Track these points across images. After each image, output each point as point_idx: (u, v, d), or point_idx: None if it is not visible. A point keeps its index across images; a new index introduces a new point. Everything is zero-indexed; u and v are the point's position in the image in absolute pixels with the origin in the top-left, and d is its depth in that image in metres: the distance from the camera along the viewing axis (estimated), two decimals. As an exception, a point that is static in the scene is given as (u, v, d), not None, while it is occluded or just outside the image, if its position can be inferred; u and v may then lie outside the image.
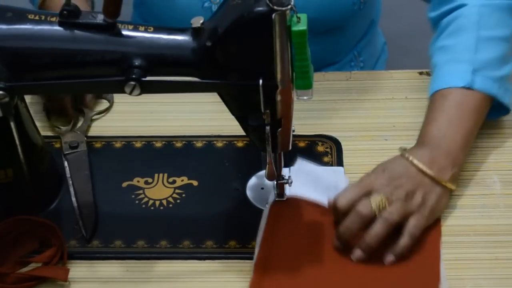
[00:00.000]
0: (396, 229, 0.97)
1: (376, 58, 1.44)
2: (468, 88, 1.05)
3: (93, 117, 1.16)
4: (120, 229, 1.02)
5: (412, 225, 0.97)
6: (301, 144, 1.12)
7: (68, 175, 1.08)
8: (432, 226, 0.99)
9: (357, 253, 0.97)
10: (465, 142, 1.04)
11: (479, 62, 1.07)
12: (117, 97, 1.18)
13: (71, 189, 1.06)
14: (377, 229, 0.95)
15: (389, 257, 0.96)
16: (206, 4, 1.22)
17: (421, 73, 1.22)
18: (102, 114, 1.17)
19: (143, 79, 0.89)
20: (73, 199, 1.05)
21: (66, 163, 1.09)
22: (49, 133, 1.14)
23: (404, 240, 0.96)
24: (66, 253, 0.98)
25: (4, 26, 0.90)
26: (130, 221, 1.03)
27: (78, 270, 0.98)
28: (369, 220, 0.96)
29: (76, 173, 1.08)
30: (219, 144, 1.12)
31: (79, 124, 1.15)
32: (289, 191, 1.03)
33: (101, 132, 1.15)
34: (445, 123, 1.04)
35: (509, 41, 1.10)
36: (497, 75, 1.07)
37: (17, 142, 0.96)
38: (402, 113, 1.16)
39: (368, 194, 0.98)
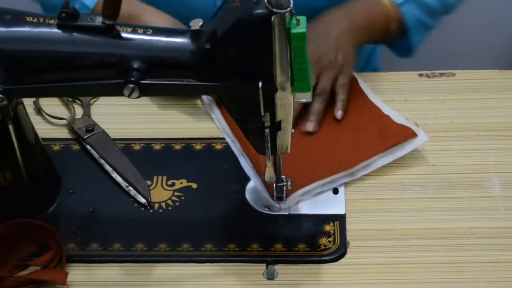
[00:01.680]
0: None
1: (373, 47, 1.47)
2: (397, 5, 1.19)
3: (91, 102, 1.17)
4: (119, 232, 1.02)
5: (341, 83, 1.13)
6: (301, 147, 1.12)
7: (96, 156, 1.09)
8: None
9: (312, 124, 1.11)
10: (368, 24, 1.18)
11: None
12: (116, 99, 1.17)
13: (107, 167, 1.08)
14: (317, 105, 1.12)
15: (338, 112, 1.12)
16: (218, 3, 1.21)
17: (420, 75, 1.21)
18: (95, 99, 1.18)
19: (142, 81, 0.88)
20: (113, 175, 1.07)
21: (88, 147, 1.11)
22: (47, 136, 1.13)
23: (341, 97, 1.13)
24: (65, 256, 0.98)
25: (2, 29, 0.89)
26: (129, 224, 1.03)
27: (77, 273, 0.98)
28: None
29: (105, 152, 1.10)
30: (218, 147, 1.12)
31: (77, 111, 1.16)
32: None
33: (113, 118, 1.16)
34: (365, 5, 1.19)
35: (444, 6, 1.24)
36: (420, 17, 1.21)
37: (16, 145, 0.96)
38: (401, 115, 1.15)
39: None
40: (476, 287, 0.95)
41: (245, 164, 1.08)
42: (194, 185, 1.07)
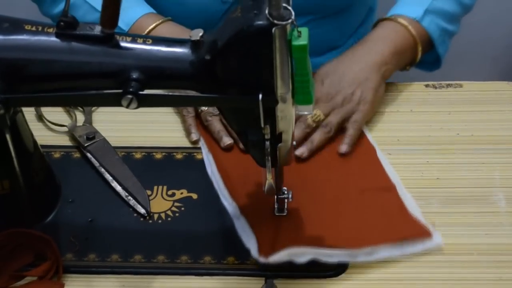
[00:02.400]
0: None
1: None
2: (417, 21, 1.17)
3: (92, 109, 1.16)
4: (117, 242, 1.01)
5: (353, 119, 1.10)
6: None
7: (96, 164, 1.08)
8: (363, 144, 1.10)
9: (302, 149, 1.08)
10: (399, 50, 1.15)
11: (434, 6, 1.18)
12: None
13: (107, 176, 1.07)
14: (317, 135, 1.09)
15: (343, 146, 1.08)
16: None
17: (427, 86, 1.20)
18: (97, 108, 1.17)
19: (141, 92, 0.87)
20: (113, 184, 1.06)
21: (89, 155, 1.10)
22: (47, 143, 1.12)
23: (349, 132, 1.09)
24: (62, 266, 0.97)
25: (0, 37, 0.88)
26: (127, 235, 1.02)
27: (74, 284, 0.97)
28: (311, 132, 1.09)
29: (106, 161, 1.09)
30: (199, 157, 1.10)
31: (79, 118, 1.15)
32: None
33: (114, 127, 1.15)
34: (388, 31, 1.17)
35: (463, 8, 1.23)
36: (443, 25, 1.19)
37: (13, 154, 0.95)
38: (406, 127, 1.14)
39: None
40: (479, 305, 0.94)
41: (243, 228, 1.00)
42: (194, 196, 1.06)
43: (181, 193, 1.06)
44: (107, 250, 1.00)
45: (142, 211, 1.03)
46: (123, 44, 0.88)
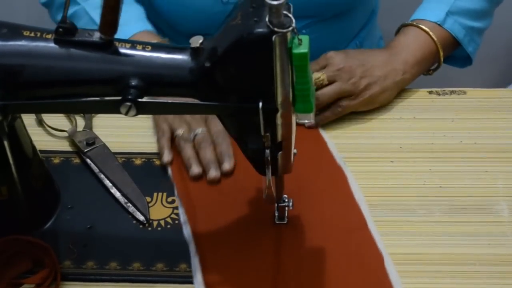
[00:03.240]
0: None
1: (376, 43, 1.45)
2: (439, 25, 1.16)
3: (93, 114, 1.15)
4: (116, 250, 1.00)
5: (340, 103, 1.11)
6: (305, 164, 1.09)
7: (96, 170, 1.08)
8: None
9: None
10: (420, 60, 1.15)
11: (456, 7, 1.17)
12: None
13: (107, 182, 1.06)
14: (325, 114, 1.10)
15: (311, 122, 1.05)
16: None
17: (430, 92, 1.19)
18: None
19: (140, 100, 0.86)
20: (113, 190, 1.05)
21: (89, 161, 1.09)
22: (47, 148, 1.11)
23: (326, 113, 1.11)
24: (60, 274, 0.96)
25: (-2, 43, 0.88)
26: (126, 242, 1.01)
27: (71, 292, 0.96)
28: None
29: (105, 167, 1.08)
30: (220, 164, 1.10)
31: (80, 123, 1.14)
32: None
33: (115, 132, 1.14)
34: (410, 39, 1.16)
35: (492, 2, 1.22)
36: (468, 24, 1.18)
37: (11, 160, 0.94)
38: (409, 134, 1.13)
39: (322, 68, 1.11)
40: (481, 316, 0.93)
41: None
42: (194, 203, 1.05)
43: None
44: (105, 257, 0.99)
45: (141, 218, 1.02)
46: (122, 50, 0.88)
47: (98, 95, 0.88)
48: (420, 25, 1.17)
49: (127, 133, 1.14)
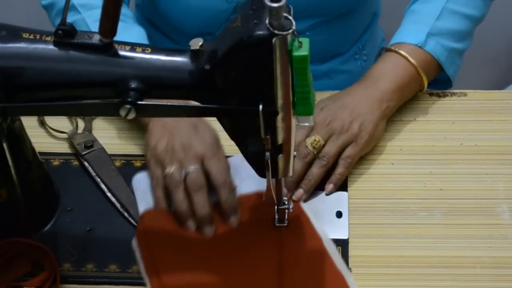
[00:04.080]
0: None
1: (377, 52, 1.42)
2: (420, 47, 1.12)
3: (93, 117, 1.14)
4: (116, 252, 1.00)
5: (346, 154, 1.05)
6: (305, 167, 1.09)
7: (93, 173, 1.07)
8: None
9: (299, 192, 1.03)
10: (401, 85, 1.10)
11: (437, 28, 1.13)
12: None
13: (103, 186, 1.06)
14: (315, 170, 1.04)
15: (329, 186, 1.04)
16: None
17: (431, 94, 1.18)
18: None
19: (139, 102, 0.86)
20: (109, 194, 1.05)
21: (86, 164, 1.08)
22: (47, 150, 1.11)
23: (339, 170, 1.05)
24: (59, 277, 0.96)
25: (-3, 45, 0.87)
26: (126, 245, 1.00)
27: (71, 295, 0.96)
28: (311, 160, 1.04)
29: (102, 170, 1.07)
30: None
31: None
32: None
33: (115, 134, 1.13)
34: (389, 65, 1.11)
35: (473, 22, 1.17)
36: (449, 45, 1.14)
37: (10, 162, 0.94)
38: (409, 136, 1.12)
39: (309, 132, 1.06)
40: (482, 319, 0.92)
41: None
42: (193, 206, 1.04)
43: (181, 203, 1.05)
44: (105, 260, 0.99)
45: (135, 225, 1.02)
46: (121, 53, 0.87)
47: (97, 98, 0.88)
48: (399, 50, 1.12)
49: (127, 135, 1.14)
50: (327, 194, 1.05)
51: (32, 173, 1.00)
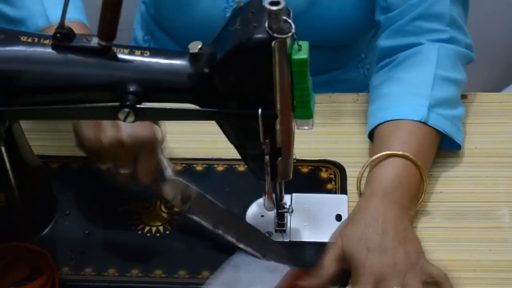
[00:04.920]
0: None
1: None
2: (423, 122, 1.03)
3: None
4: (114, 256, 0.99)
5: (435, 271, 0.93)
6: (304, 170, 1.08)
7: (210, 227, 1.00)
8: None
9: None
10: (412, 195, 1.00)
11: (435, 99, 1.05)
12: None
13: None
14: None
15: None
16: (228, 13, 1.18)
17: (430, 97, 1.18)
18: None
19: (138, 106, 0.85)
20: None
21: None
22: (46, 153, 1.10)
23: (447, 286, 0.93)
24: (58, 281, 0.95)
25: (-5, 48, 0.87)
26: (125, 248, 1.00)
27: (70, 299, 0.96)
28: None
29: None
30: (220, 168, 1.09)
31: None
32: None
33: None
34: (400, 173, 0.99)
35: (460, 86, 1.10)
36: (450, 114, 1.06)
37: (8, 166, 0.93)
38: (409, 139, 1.12)
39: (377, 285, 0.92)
40: (482, 323, 0.92)
41: None
42: (193, 208, 1.04)
43: (180, 206, 1.05)
44: (104, 264, 0.98)
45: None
46: (120, 56, 0.87)
47: (96, 101, 0.88)
48: (406, 130, 1.02)
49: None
50: (342, 182, 1.03)
51: (30, 177, 0.99)
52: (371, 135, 1.08)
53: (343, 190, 1.06)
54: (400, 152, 1.00)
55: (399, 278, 0.91)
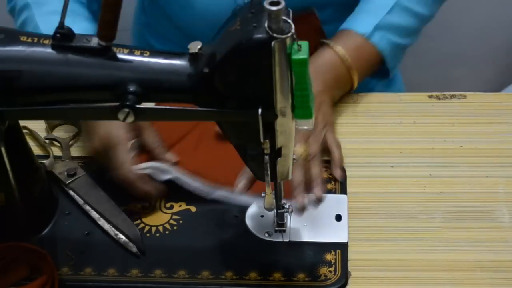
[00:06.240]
0: None
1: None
2: (366, 38, 1.14)
3: (70, 143, 1.11)
4: (114, 256, 0.99)
5: (330, 139, 1.09)
6: (304, 170, 1.08)
7: (80, 202, 1.04)
8: None
9: (317, 192, 1.03)
10: (329, 87, 1.13)
11: (386, 22, 1.15)
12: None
13: (94, 214, 1.02)
14: (314, 170, 1.05)
15: (338, 172, 1.07)
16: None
17: (430, 97, 1.18)
18: (74, 140, 1.12)
19: (138, 106, 0.85)
20: (100, 222, 1.02)
21: (72, 192, 1.05)
22: (45, 153, 1.11)
23: (335, 154, 1.08)
24: (57, 281, 0.95)
25: (-5, 48, 0.87)
26: (124, 248, 1.00)
27: (69, 299, 0.95)
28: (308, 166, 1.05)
29: (90, 197, 1.04)
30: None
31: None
32: None
33: None
34: (322, 65, 1.13)
35: (421, 21, 1.19)
36: (395, 41, 1.16)
37: (8, 167, 0.93)
38: (409, 139, 1.12)
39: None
40: (482, 323, 0.92)
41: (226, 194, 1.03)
42: (193, 209, 1.04)
43: (180, 206, 1.05)
44: (103, 264, 0.98)
45: (134, 250, 0.99)
46: (120, 56, 0.87)
47: (96, 101, 0.88)
48: (335, 48, 1.13)
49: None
50: (341, 182, 1.07)
51: (30, 177, 0.99)
52: None
53: (343, 191, 1.06)
54: (339, 48, 1.13)
55: (303, 138, 1.06)
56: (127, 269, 0.98)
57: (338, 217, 1.03)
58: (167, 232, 1.02)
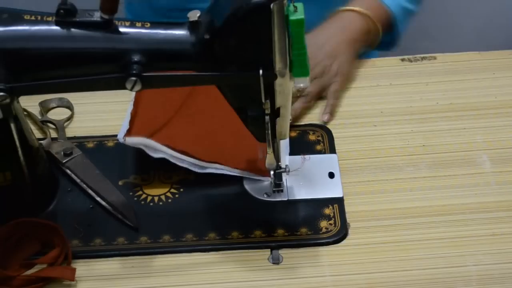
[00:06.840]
0: None
1: None
2: (379, 2, 1.23)
3: (65, 125, 1.14)
4: (121, 226, 1.02)
5: (332, 89, 1.17)
6: (293, 134, 1.13)
7: (77, 180, 1.07)
8: None
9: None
10: (366, 31, 1.21)
11: None
12: (96, 110, 1.17)
13: (90, 192, 1.05)
14: (297, 104, 1.15)
15: (325, 116, 1.15)
16: None
17: (403, 60, 1.24)
18: (69, 121, 1.16)
19: (144, 74, 0.89)
20: (98, 198, 1.05)
21: (68, 171, 1.08)
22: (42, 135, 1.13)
23: (331, 101, 1.16)
24: (71, 252, 0.98)
25: (0, 28, 0.89)
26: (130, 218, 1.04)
27: (83, 268, 0.98)
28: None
29: (86, 176, 1.07)
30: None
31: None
32: None
33: (92, 132, 1.15)
34: (354, 14, 1.21)
35: None
36: (404, 5, 1.25)
37: (17, 144, 0.96)
38: (388, 99, 1.18)
39: None
40: (476, 260, 0.98)
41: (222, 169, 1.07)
42: (191, 177, 1.08)
43: (178, 175, 1.08)
44: (112, 234, 1.02)
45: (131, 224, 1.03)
46: (122, 29, 0.91)
47: (101, 73, 0.91)
48: (359, 9, 1.22)
49: (114, 116, 1.15)
50: (325, 123, 1.15)
51: (34, 155, 1.02)
52: None
53: (332, 150, 1.11)
54: (358, 7, 1.22)
55: (317, 70, 1.16)
56: (136, 236, 1.01)
57: (331, 175, 1.08)
58: (169, 200, 1.05)
